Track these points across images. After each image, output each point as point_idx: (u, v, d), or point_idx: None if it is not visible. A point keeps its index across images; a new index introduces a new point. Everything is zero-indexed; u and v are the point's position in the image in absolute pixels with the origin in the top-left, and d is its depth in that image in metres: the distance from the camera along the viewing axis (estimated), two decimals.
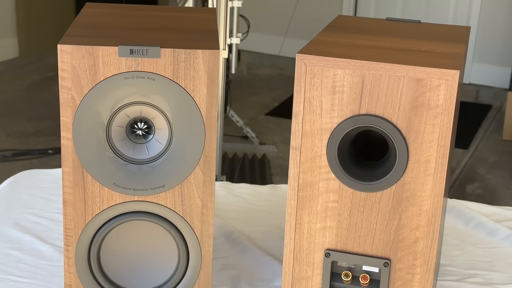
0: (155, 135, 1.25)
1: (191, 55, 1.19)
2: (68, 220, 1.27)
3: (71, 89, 1.20)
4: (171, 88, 1.20)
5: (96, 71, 1.19)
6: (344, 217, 1.25)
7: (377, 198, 1.22)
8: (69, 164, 1.24)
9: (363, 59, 1.17)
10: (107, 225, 1.27)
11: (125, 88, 1.20)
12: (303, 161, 1.23)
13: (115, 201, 1.26)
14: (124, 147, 1.25)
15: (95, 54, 1.18)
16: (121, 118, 1.23)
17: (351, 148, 1.25)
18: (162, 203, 1.27)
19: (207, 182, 1.26)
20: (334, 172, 1.22)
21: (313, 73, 1.19)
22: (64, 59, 1.19)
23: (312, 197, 1.25)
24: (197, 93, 1.21)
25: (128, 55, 1.18)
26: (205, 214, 1.28)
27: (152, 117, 1.24)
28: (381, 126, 1.18)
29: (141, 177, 1.25)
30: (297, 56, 1.19)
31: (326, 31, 1.35)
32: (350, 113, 1.20)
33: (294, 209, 1.27)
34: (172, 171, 1.25)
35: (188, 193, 1.26)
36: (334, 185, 1.23)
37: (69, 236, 1.28)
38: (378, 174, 1.22)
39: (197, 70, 1.20)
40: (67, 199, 1.26)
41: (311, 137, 1.22)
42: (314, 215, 1.26)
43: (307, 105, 1.21)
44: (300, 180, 1.24)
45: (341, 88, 1.19)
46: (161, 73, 1.20)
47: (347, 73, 1.18)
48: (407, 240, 1.23)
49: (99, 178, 1.24)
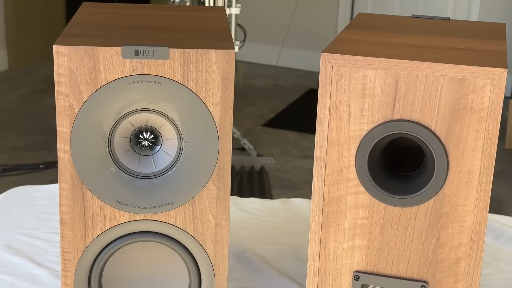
0: (162, 146, 1.12)
1: (203, 55, 1.06)
2: (66, 243, 1.13)
3: (68, 95, 1.07)
4: (181, 93, 1.07)
5: (97, 75, 1.06)
6: (375, 235, 1.12)
7: (412, 214, 1.09)
8: (67, 179, 1.10)
9: (396, 58, 1.04)
10: (110, 248, 1.14)
11: (129, 94, 1.07)
12: (329, 173, 1.10)
13: (118, 220, 1.13)
14: (128, 160, 1.12)
15: (96, 55, 1.05)
16: (125, 127, 1.10)
17: (382, 158, 1.12)
18: (171, 222, 1.13)
19: (221, 197, 1.13)
20: (364, 185, 1.10)
21: (340, 75, 1.06)
22: (61, 62, 1.05)
23: (339, 213, 1.12)
24: (209, 99, 1.08)
25: (132, 56, 1.05)
26: (219, 234, 1.14)
27: (160, 126, 1.11)
28: (418, 133, 1.06)
29: (147, 193, 1.12)
30: (322, 56, 1.06)
31: (349, 29, 1.22)
32: (382, 118, 1.07)
33: (318, 227, 1.13)
34: (182, 186, 1.11)
35: (200, 211, 1.13)
36: (364, 200, 1.10)
37: (67, 260, 1.14)
38: (414, 187, 1.09)
39: (210, 73, 1.07)
40: (65, 219, 1.12)
41: (337, 146, 1.09)
42: (341, 233, 1.13)
43: (333, 110, 1.08)
44: (325, 195, 1.11)
45: (371, 90, 1.06)
46: (169, 77, 1.07)
47: (378, 74, 1.05)
48: (447, 260, 1.10)
49: (101, 195, 1.11)
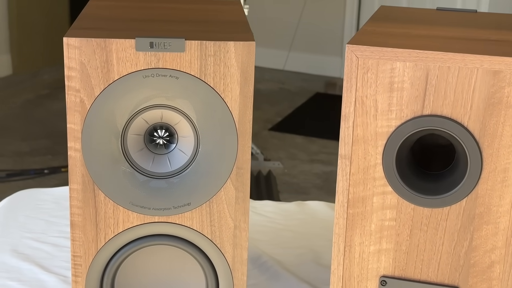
0: (178, 144, 1.06)
1: (222, 48, 1.00)
2: (77, 246, 1.07)
3: (79, 90, 1.01)
4: (198, 87, 1.01)
5: (109, 68, 1.00)
6: (404, 238, 1.05)
7: (443, 215, 1.03)
8: (78, 179, 1.04)
9: (427, 49, 0.98)
10: (123, 251, 1.08)
11: (144, 89, 1.01)
12: (354, 172, 1.04)
13: (132, 223, 1.07)
14: (142, 159, 1.06)
15: (108, 48, 0.99)
16: (139, 124, 1.04)
17: (410, 156, 1.06)
18: (188, 224, 1.07)
19: (240, 199, 1.07)
20: (391, 184, 1.03)
21: (367, 67, 1.00)
22: (71, 55, 1.00)
23: (365, 214, 1.06)
24: (228, 94, 1.02)
25: (147, 49, 1.00)
26: (238, 237, 1.08)
27: (175, 123, 1.05)
28: (449, 129, 1.00)
29: (162, 194, 1.06)
30: (347, 48, 1.01)
31: (373, 22, 1.16)
32: (411, 114, 1.01)
33: (343, 229, 1.07)
34: (199, 186, 1.05)
35: (218, 212, 1.07)
36: (392, 200, 1.04)
37: (77, 265, 1.08)
38: (445, 187, 1.03)
39: (229, 66, 1.01)
40: (76, 221, 1.06)
41: (363, 144, 1.03)
42: (367, 236, 1.07)
43: (359, 105, 1.02)
44: (350, 195, 1.05)
45: (400, 84, 1.00)
46: (186, 70, 1.01)
47: (407, 66, 0.99)
48: (480, 264, 1.03)
49: (113, 196, 1.05)
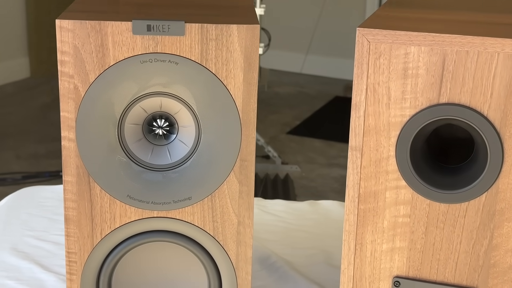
0: (178, 135, 1.00)
1: (224, 31, 0.94)
2: (72, 242, 1.01)
3: (73, 76, 0.95)
4: (199, 74, 0.95)
5: (105, 53, 0.94)
6: (419, 235, 0.99)
7: (461, 211, 0.96)
8: (72, 171, 0.99)
9: (443, 33, 0.92)
10: (120, 248, 1.02)
11: (141, 75, 0.95)
12: (365, 165, 0.98)
13: (129, 217, 1.01)
14: (141, 150, 1.00)
15: (103, 31, 0.94)
16: (137, 113, 0.98)
17: (426, 147, 0.99)
18: (188, 219, 1.01)
19: (244, 193, 1.00)
20: (405, 178, 0.97)
21: (379, 52, 0.94)
22: (64, 39, 0.94)
23: (377, 210, 0.99)
24: (231, 80, 0.96)
25: (144, 32, 0.94)
26: (242, 234, 1.02)
27: (175, 112, 0.99)
28: (468, 118, 0.93)
29: (161, 188, 1.00)
30: (358, 31, 0.94)
31: (386, 7, 1.10)
32: (427, 102, 0.94)
33: (353, 226, 1.01)
34: (200, 179, 0.99)
35: (221, 207, 1.01)
36: (406, 195, 0.98)
37: (72, 262, 1.02)
38: (463, 181, 0.96)
39: (232, 51, 0.95)
40: (70, 215, 1.00)
41: (375, 134, 0.97)
42: (380, 233, 1.00)
43: (370, 93, 0.95)
44: (361, 190, 0.99)
45: (415, 70, 0.93)
46: (186, 56, 0.95)
47: (423, 51, 0.92)
48: (501, 264, 0.96)
49: (110, 189, 0.99)
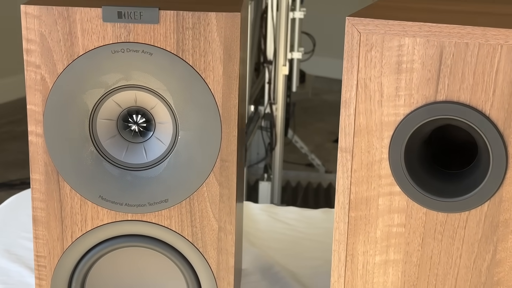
0: (155, 132, 0.93)
1: (201, 19, 0.87)
2: (40, 245, 0.95)
3: (40, 66, 0.89)
4: (175, 66, 0.88)
5: (73, 42, 0.88)
6: (414, 247, 0.89)
7: (461, 222, 0.87)
8: (40, 169, 0.92)
9: (441, 22, 0.83)
10: (92, 253, 0.95)
11: (113, 66, 0.88)
12: (356, 168, 0.89)
13: (101, 220, 0.94)
14: (114, 148, 0.93)
15: (72, 18, 0.87)
16: (110, 107, 0.92)
17: (424, 150, 0.89)
18: (165, 224, 0.94)
19: (224, 196, 0.92)
20: (399, 183, 0.88)
21: (370, 44, 0.85)
22: (30, 26, 0.88)
23: (369, 218, 0.90)
24: (209, 73, 0.88)
25: (115, 19, 0.87)
26: (223, 240, 0.94)
27: (151, 107, 0.92)
28: (468, 118, 0.83)
29: (136, 189, 0.93)
30: (347, 21, 0.85)
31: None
32: (423, 100, 0.85)
33: (344, 236, 0.92)
34: (178, 180, 0.92)
35: (200, 211, 0.93)
36: (400, 202, 0.88)
37: (41, 266, 0.96)
38: (463, 188, 0.87)
39: (210, 41, 0.87)
40: (38, 216, 0.94)
41: (367, 135, 0.88)
42: (372, 244, 0.91)
43: (361, 89, 0.87)
44: (352, 195, 0.90)
45: (409, 64, 0.84)
46: (160, 46, 0.88)
47: (418, 43, 0.83)
48: (505, 282, 0.86)
49: (80, 188, 0.93)
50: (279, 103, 3.07)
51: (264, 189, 3.14)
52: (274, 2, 2.97)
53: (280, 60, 3.04)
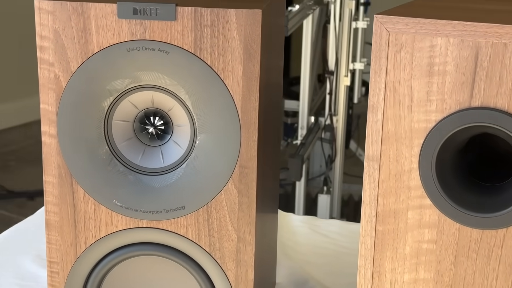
0: (173, 135, 0.88)
1: (220, 16, 0.82)
2: (53, 251, 0.91)
3: (53, 64, 0.86)
4: (192, 65, 0.83)
5: (88, 39, 0.84)
6: (446, 266, 0.82)
7: (498, 240, 0.79)
8: (53, 171, 0.89)
9: (477, 21, 0.76)
10: (106, 261, 0.91)
11: (128, 65, 0.84)
12: (384, 178, 0.82)
13: (116, 226, 0.90)
14: (130, 151, 0.89)
15: (86, 14, 0.84)
16: (126, 108, 0.87)
17: (458, 161, 0.82)
18: (182, 232, 0.89)
19: (244, 204, 0.87)
20: (430, 196, 0.81)
21: (400, 44, 0.78)
22: (44, 21, 0.85)
23: (398, 233, 0.83)
24: (228, 74, 0.83)
25: (130, 16, 0.83)
26: (242, 252, 0.89)
27: (169, 109, 0.87)
28: (505, 126, 0.76)
29: (152, 195, 0.88)
30: (376, 19, 0.79)
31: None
32: (456, 105, 0.78)
33: (370, 251, 0.85)
34: (195, 187, 0.87)
35: (218, 220, 0.88)
36: (431, 217, 0.81)
37: (54, 272, 0.92)
38: (501, 202, 0.79)
39: (229, 40, 0.82)
40: (51, 220, 0.91)
41: (395, 143, 0.81)
42: (401, 260, 0.84)
43: (389, 93, 0.80)
44: (379, 207, 0.83)
45: (442, 66, 0.77)
46: (177, 44, 0.83)
47: (452, 43, 0.77)
48: None
49: (94, 192, 0.89)
50: (340, 114, 2.99)
51: (323, 202, 3.07)
52: (337, 12, 2.91)
53: (342, 71, 2.97)
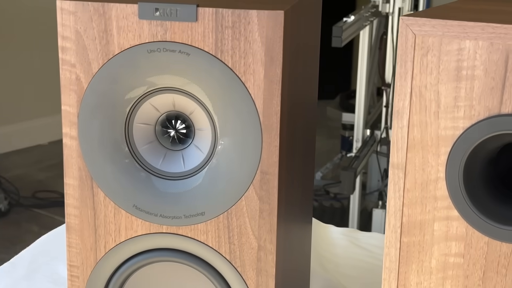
0: (195, 139, 0.86)
1: (242, 18, 0.80)
2: (73, 254, 0.90)
3: (75, 65, 0.85)
4: (213, 68, 0.81)
5: (109, 40, 0.83)
6: (474, 282, 0.78)
7: None
8: (74, 173, 0.88)
9: (507, 23, 0.72)
10: (127, 266, 0.89)
11: (149, 67, 0.83)
12: (410, 187, 0.79)
13: (136, 231, 0.88)
14: (151, 155, 0.87)
15: (107, 15, 0.83)
16: (147, 111, 0.86)
17: (488, 170, 0.78)
18: (201, 239, 0.87)
19: (265, 212, 0.84)
20: (457, 207, 0.77)
21: (426, 48, 0.75)
22: (66, 22, 0.84)
23: (423, 245, 0.79)
24: (249, 77, 0.81)
25: (151, 16, 0.81)
26: (263, 261, 0.86)
27: (190, 112, 0.85)
28: None
29: (172, 199, 0.86)
30: (401, 21, 0.76)
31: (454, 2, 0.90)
32: (485, 112, 0.74)
33: (395, 263, 0.82)
34: (215, 192, 0.85)
35: (238, 227, 0.86)
36: (459, 229, 0.77)
37: (74, 277, 0.91)
38: None
39: (250, 42, 0.80)
40: (72, 223, 0.90)
41: (421, 150, 0.77)
42: (427, 274, 0.80)
43: (415, 98, 0.77)
44: (404, 218, 0.80)
45: (470, 71, 0.74)
46: (198, 46, 0.81)
47: (480, 46, 0.73)
48: None
49: (114, 196, 0.87)
50: None
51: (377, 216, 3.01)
52: (395, 24, 2.86)
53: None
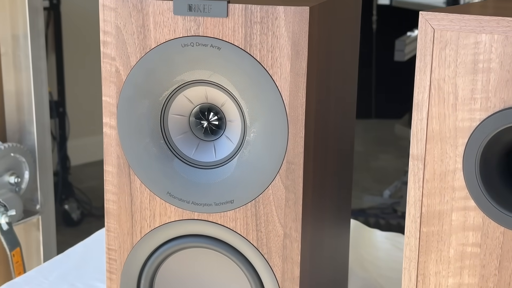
0: (226, 130, 0.91)
1: (270, 13, 0.84)
2: (112, 238, 0.95)
3: (115, 58, 0.90)
4: (242, 61, 0.86)
5: (146, 34, 0.88)
6: (491, 271, 0.79)
7: None
8: (113, 161, 0.93)
9: None
10: (161, 251, 0.94)
11: (182, 60, 0.88)
12: (429, 178, 0.81)
13: (169, 217, 0.93)
14: (185, 145, 0.92)
15: (145, 11, 0.88)
16: (182, 103, 0.91)
17: (505, 161, 0.80)
18: (230, 226, 0.91)
19: (291, 201, 0.88)
20: (474, 197, 0.79)
21: (445, 41, 0.78)
22: (107, 18, 0.90)
23: (442, 235, 0.81)
24: (277, 70, 0.85)
25: (185, 12, 0.86)
26: (288, 248, 0.89)
27: (221, 104, 0.90)
28: None
29: (203, 187, 0.91)
30: (421, 16, 0.79)
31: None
32: (501, 104, 0.76)
33: (415, 253, 0.84)
34: (244, 181, 0.89)
35: (265, 215, 0.89)
36: (475, 219, 0.79)
37: (112, 259, 0.96)
38: None
39: (278, 36, 0.84)
40: (110, 209, 0.95)
41: (440, 142, 0.80)
42: (445, 263, 0.82)
43: (434, 91, 0.79)
44: (423, 208, 0.82)
45: (486, 64, 0.76)
46: (228, 40, 0.86)
47: (496, 40, 0.75)
48: None
49: (149, 183, 0.92)
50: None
51: None
52: None
53: None
